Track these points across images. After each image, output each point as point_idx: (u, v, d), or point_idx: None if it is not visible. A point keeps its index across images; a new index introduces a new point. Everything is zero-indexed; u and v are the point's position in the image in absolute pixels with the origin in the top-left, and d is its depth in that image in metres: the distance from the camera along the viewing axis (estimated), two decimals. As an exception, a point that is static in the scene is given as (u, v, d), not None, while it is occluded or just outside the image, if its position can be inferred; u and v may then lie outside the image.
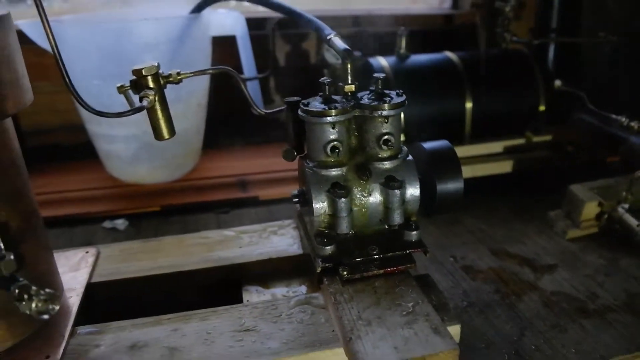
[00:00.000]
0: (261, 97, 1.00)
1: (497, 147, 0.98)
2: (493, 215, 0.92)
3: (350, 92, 0.66)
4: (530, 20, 1.11)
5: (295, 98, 0.69)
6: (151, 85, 0.64)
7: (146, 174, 0.98)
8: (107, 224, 0.93)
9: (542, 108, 0.97)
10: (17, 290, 0.50)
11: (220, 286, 0.75)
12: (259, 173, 1.02)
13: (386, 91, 0.66)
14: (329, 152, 0.64)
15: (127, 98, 0.65)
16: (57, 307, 0.50)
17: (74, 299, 0.68)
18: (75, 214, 0.94)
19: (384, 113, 0.64)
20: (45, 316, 0.50)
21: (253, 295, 0.71)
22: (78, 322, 0.63)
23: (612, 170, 0.96)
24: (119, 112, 0.62)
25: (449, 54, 0.98)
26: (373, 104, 0.64)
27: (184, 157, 1.00)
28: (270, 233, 0.80)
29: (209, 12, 0.91)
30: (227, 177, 1.01)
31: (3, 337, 0.57)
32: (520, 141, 0.99)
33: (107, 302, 0.72)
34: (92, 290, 0.70)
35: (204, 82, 0.97)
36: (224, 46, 0.97)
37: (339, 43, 0.68)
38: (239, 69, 0.96)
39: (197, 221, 0.93)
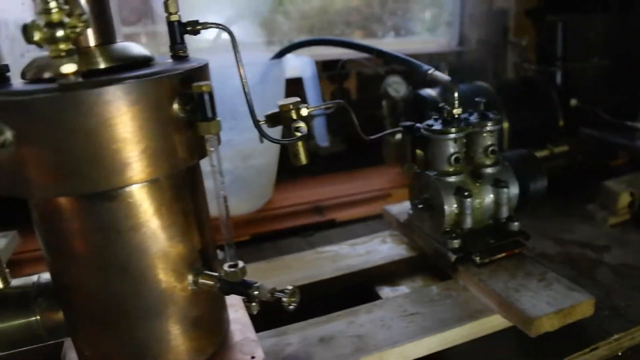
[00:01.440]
0: (326, 130, 1.13)
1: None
2: (538, 214, 1.09)
3: (458, 114, 0.81)
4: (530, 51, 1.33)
5: (409, 123, 0.83)
6: (294, 117, 0.77)
7: (234, 206, 1.07)
8: (204, 257, 1.01)
9: (560, 123, 1.17)
10: (256, 292, 0.59)
11: (347, 291, 0.86)
12: (331, 198, 1.13)
13: (486, 112, 0.82)
14: (452, 162, 0.78)
15: (261, 131, 0.74)
16: (299, 299, 0.59)
17: (240, 312, 0.75)
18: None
19: (489, 128, 0.80)
20: (292, 307, 0.59)
21: (388, 293, 0.82)
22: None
23: (616, 171, 1.17)
24: (288, 139, 0.73)
25: (481, 83, 1.17)
26: (480, 122, 0.80)
27: (265, 188, 1.11)
28: (379, 243, 0.92)
29: (285, 57, 1.04)
30: (303, 204, 1.12)
31: (206, 345, 0.62)
32: (544, 152, 1.18)
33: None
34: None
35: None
36: (292, 86, 1.09)
37: (442, 76, 0.83)
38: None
39: (287, 245, 1.03)
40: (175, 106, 0.50)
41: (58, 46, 0.45)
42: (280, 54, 1.02)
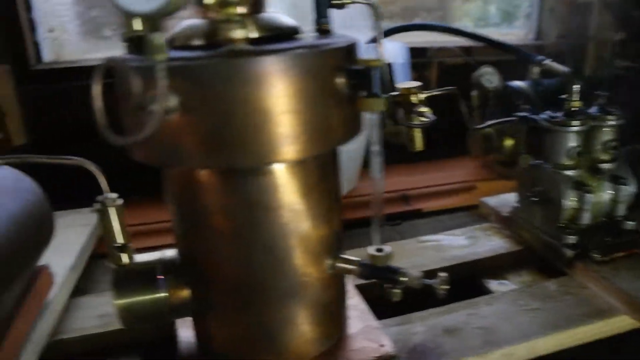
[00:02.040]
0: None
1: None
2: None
3: (579, 106, 0.79)
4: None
5: (524, 113, 0.82)
6: (415, 101, 0.75)
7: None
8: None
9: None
10: (403, 278, 0.57)
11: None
12: (416, 188, 1.12)
13: (607, 107, 0.80)
14: (572, 155, 0.76)
15: (392, 115, 0.73)
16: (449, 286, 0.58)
17: (355, 298, 0.73)
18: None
19: (612, 123, 0.78)
20: (443, 293, 0.57)
21: (496, 286, 0.81)
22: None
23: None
24: (413, 123, 0.71)
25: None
26: (602, 115, 0.78)
27: (352, 175, 1.09)
28: (482, 235, 0.91)
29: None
30: (388, 193, 1.10)
31: (334, 331, 0.61)
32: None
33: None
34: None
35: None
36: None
37: (559, 66, 0.81)
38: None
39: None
40: (340, 80, 0.48)
41: (228, 10, 0.44)
42: (374, 39, 1.00)
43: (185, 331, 0.63)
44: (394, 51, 1.06)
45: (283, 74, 0.44)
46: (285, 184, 0.51)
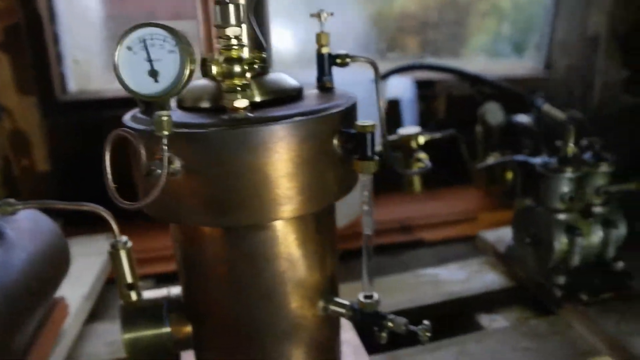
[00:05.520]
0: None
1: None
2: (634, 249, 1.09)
3: (574, 152, 0.82)
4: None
5: (523, 157, 0.85)
6: (414, 146, 0.79)
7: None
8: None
9: (654, 157, 1.16)
10: (390, 324, 0.61)
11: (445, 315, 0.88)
12: (417, 217, 1.15)
13: (601, 153, 0.83)
14: (565, 200, 0.79)
15: (392, 161, 0.77)
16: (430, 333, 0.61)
17: (349, 333, 0.78)
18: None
19: (604, 169, 0.80)
20: (425, 340, 0.61)
21: (486, 321, 0.84)
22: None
23: None
24: (412, 170, 0.75)
25: (574, 112, 1.16)
26: (595, 162, 0.81)
27: (354, 205, 1.13)
28: (477, 269, 0.94)
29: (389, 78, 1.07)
30: (389, 222, 1.14)
31: None
32: (633, 186, 1.17)
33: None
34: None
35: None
36: (389, 106, 1.11)
37: (556, 112, 0.84)
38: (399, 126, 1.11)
39: (379, 263, 1.05)
40: (335, 142, 0.52)
41: (233, 81, 0.47)
42: (385, 76, 1.04)
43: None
44: (401, 87, 1.10)
45: (281, 141, 0.47)
46: (283, 237, 0.55)
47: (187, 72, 0.43)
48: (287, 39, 1.27)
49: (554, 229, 0.79)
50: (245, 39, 0.52)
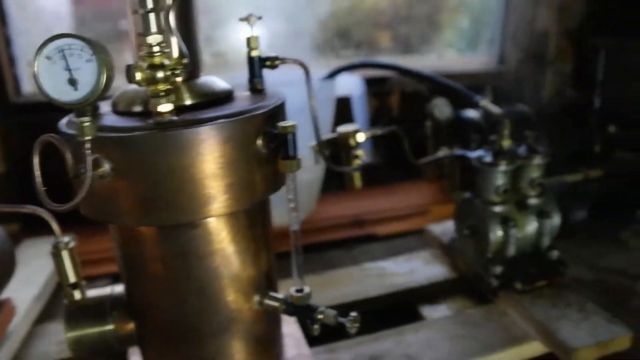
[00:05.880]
0: (370, 147, 1.18)
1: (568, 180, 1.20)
2: (572, 239, 1.12)
3: (508, 146, 0.85)
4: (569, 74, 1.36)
5: (460, 152, 0.88)
6: (353, 144, 0.81)
7: (279, 217, 1.12)
8: (251, 264, 1.06)
9: (597, 149, 1.20)
10: (320, 316, 0.64)
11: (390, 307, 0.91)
12: (371, 212, 1.18)
13: (534, 146, 0.86)
14: (499, 193, 0.83)
15: (321, 154, 0.78)
16: (358, 325, 0.64)
17: (292, 326, 0.80)
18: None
19: (537, 162, 0.84)
20: (354, 331, 0.63)
21: (430, 312, 0.87)
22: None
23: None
24: (350, 167, 0.78)
25: (520, 106, 1.20)
26: (529, 155, 0.84)
27: (310, 201, 1.16)
28: (422, 262, 0.97)
29: (337, 77, 1.09)
30: (343, 218, 1.17)
31: None
32: (579, 176, 1.21)
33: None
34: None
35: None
36: (339, 104, 1.14)
37: (493, 107, 0.87)
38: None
39: (329, 257, 1.08)
40: (259, 143, 0.54)
41: (157, 86, 0.49)
42: (332, 74, 1.06)
43: (136, 357, 0.69)
44: (350, 84, 1.12)
45: (205, 142, 0.50)
46: (215, 234, 0.57)
47: (104, 79, 0.46)
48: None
49: (489, 221, 0.82)
50: (175, 46, 0.55)
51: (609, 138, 1.19)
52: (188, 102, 0.55)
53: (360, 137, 0.82)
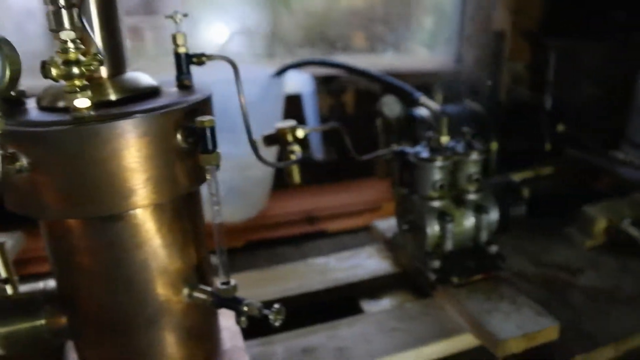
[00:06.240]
0: (321, 144, 1.18)
1: (514, 178, 1.22)
2: (521, 234, 1.14)
3: (446, 142, 0.86)
4: (523, 72, 1.38)
5: (399, 148, 0.89)
6: (290, 139, 0.82)
7: (229, 214, 1.12)
8: (200, 260, 1.06)
9: (548, 147, 1.22)
10: (245, 308, 0.64)
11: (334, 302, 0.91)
12: (323, 209, 1.18)
13: (472, 142, 0.87)
14: (436, 188, 0.83)
15: (257, 153, 0.79)
16: (284, 316, 0.64)
17: (231, 320, 0.81)
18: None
19: (474, 158, 0.85)
20: (278, 323, 0.64)
21: (371, 306, 0.88)
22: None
23: (599, 194, 1.22)
24: (283, 162, 0.78)
25: (473, 104, 1.21)
26: (466, 151, 0.85)
27: (261, 198, 1.16)
28: (366, 257, 0.98)
29: (285, 74, 1.09)
30: (295, 214, 1.17)
31: (198, 353, 0.67)
32: (530, 173, 1.23)
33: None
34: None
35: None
36: (291, 102, 1.14)
37: (432, 103, 0.88)
38: (302, 122, 1.14)
39: (279, 253, 1.08)
40: (179, 137, 0.55)
41: (73, 82, 0.49)
42: (280, 72, 1.07)
43: (73, 353, 0.69)
44: (299, 82, 1.13)
45: (121, 137, 0.50)
46: (140, 227, 0.57)
47: (8, 75, 0.46)
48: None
49: (426, 216, 0.83)
50: (99, 43, 0.55)
51: (558, 137, 1.21)
52: (112, 97, 0.56)
53: (299, 133, 0.83)
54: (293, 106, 1.15)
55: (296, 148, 0.80)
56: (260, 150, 0.80)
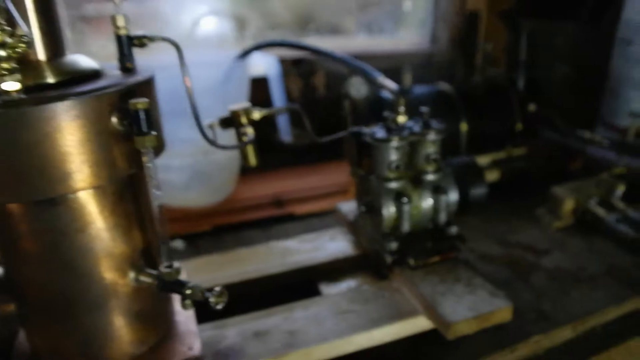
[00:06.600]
0: (289, 126, 1.17)
1: (486, 160, 1.21)
2: (490, 215, 1.14)
3: (403, 122, 0.85)
4: (496, 53, 1.36)
5: (356, 128, 0.87)
6: (244, 122, 0.80)
7: (196, 198, 1.11)
8: (166, 245, 1.05)
9: (519, 127, 1.20)
10: (189, 291, 0.63)
11: (290, 285, 0.90)
12: (292, 192, 1.18)
13: (430, 120, 0.86)
14: (392, 169, 0.82)
15: (205, 135, 0.78)
16: (226, 299, 0.64)
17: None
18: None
19: (432, 138, 0.83)
20: (219, 307, 0.63)
21: (330, 289, 0.87)
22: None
23: (573, 175, 1.21)
24: (233, 145, 0.77)
25: (443, 85, 1.20)
26: (423, 131, 0.83)
27: (227, 182, 1.15)
28: (328, 239, 0.97)
29: (250, 56, 1.08)
30: (263, 198, 1.16)
31: (149, 336, 0.67)
32: (502, 155, 1.22)
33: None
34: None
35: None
36: (256, 84, 1.13)
37: (391, 83, 0.87)
38: (270, 104, 1.12)
39: (246, 237, 1.08)
40: (114, 120, 0.54)
41: (0, 65, 0.49)
42: (243, 54, 1.05)
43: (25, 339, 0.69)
44: (265, 64, 1.11)
45: (53, 120, 0.49)
46: (80, 211, 0.57)
47: None
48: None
49: (382, 197, 0.82)
50: (34, 26, 0.54)
51: (530, 117, 1.19)
52: (50, 80, 0.55)
53: (255, 115, 0.82)
54: (261, 89, 1.14)
55: (249, 130, 0.79)
56: (219, 133, 0.80)
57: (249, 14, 1.32)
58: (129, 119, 0.54)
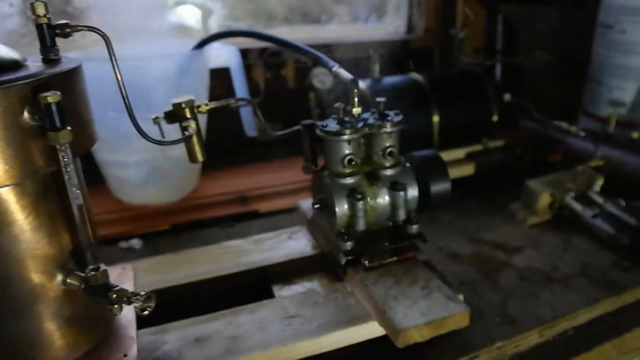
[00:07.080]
0: (253, 120, 1.12)
1: (460, 153, 1.15)
2: (464, 211, 1.08)
3: (358, 113, 0.79)
4: (476, 41, 1.30)
5: (309, 121, 0.82)
6: (188, 115, 0.76)
7: (154, 196, 1.07)
8: (123, 245, 1.01)
9: (495, 118, 1.15)
10: (114, 295, 0.59)
11: (247, 286, 0.86)
12: (257, 188, 1.13)
13: (386, 112, 0.81)
14: (345, 164, 0.77)
15: (160, 128, 0.75)
16: (153, 305, 0.60)
17: (129, 307, 0.76)
18: (88, 238, 1.01)
19: (388, 130, 0.78)
20: (146, 312, 0.59)
21: (283, 291, 0.82)
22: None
23: (555, 167, 1.15)
24: (172, 140, 0.72)
25: (415, 75, 1.14)
26: (379, 123, 0.78)
27: (188, 178, 1.10)
28: (285, 239, 0.92)
29: (208, 47, 1.03)
30: (227, 194, 1.11)
31: (82, 342, 0.64)
32: (478, 147, 1.17)
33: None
34: (141, 299, 0.79)
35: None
36: (218, 76, 1.08)
37: (345, 73, 0.81)
38: (232, 95, 1.07)
39: (207, 236, 1.03)
40: (26, 115, 0.51)
41: None
42: (200, 45, 1.00)
43: None
44: (225, 55, 1.06)
45: None
46: None
47: None
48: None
49: (335, 194, 0.77)
50: None
51: (506, 107, 1.14)
52: None
53: (202, 107, 0.77)
54: (222, 80, 1.10)
55: (192, 124, 0.74)
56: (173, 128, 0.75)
57: (214, 3, 1.27)
58: (40, 114, 0.51)
